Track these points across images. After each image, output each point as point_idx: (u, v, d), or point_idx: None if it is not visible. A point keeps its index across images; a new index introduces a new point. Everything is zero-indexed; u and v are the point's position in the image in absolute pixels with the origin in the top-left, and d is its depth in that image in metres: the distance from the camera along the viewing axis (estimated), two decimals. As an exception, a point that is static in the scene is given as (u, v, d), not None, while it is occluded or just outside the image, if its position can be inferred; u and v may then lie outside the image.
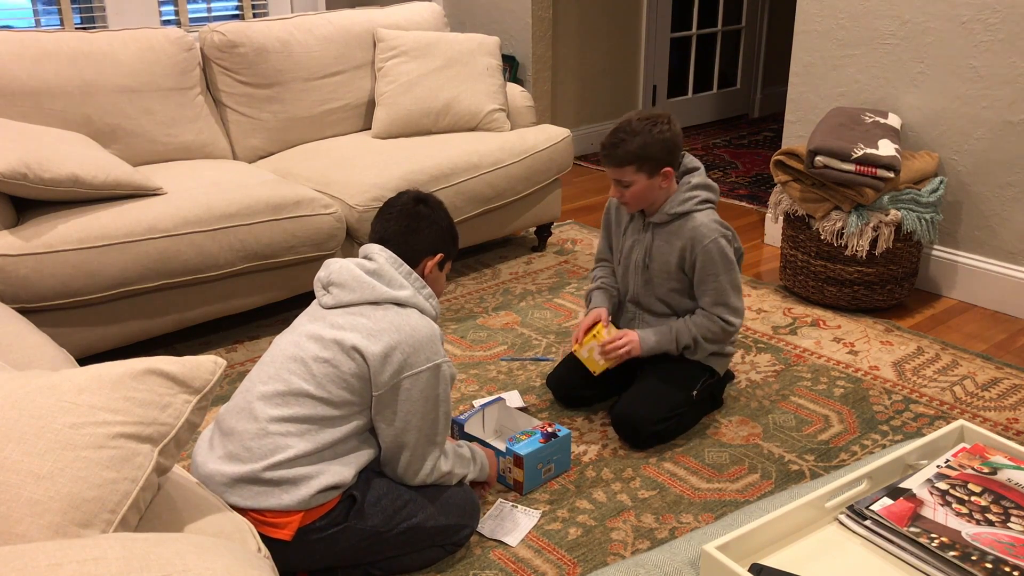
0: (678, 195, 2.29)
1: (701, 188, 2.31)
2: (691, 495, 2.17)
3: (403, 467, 1.86)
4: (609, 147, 2.22)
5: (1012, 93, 2.97)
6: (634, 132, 2.19)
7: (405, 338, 1.79)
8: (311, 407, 1.75)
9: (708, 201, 2.32)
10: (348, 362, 1.76)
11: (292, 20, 3.49)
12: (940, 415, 2.49)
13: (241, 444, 1.75)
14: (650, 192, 2.26)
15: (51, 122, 2.89)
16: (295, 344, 1.81)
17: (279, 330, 3.02)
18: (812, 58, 3.46)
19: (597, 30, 4.97)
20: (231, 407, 1.83)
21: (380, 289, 1.83)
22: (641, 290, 2.41)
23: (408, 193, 1.99)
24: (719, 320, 2.31)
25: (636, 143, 2.18)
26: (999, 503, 1.27)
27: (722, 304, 2.31)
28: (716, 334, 2.32)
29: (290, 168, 3.21)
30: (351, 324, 1.79)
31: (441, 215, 1.99)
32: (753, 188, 4.56)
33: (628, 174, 2.22)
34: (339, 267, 1.87)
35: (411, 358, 1.79)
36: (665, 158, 2.22)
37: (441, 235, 1.97)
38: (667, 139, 2.21)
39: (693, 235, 2.27)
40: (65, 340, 2.53)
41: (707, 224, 2.27)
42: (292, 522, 1.72)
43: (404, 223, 1.93)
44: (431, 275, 1.95)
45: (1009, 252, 3.11)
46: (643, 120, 2.20)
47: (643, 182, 2.23)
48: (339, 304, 1.84)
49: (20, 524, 1.04)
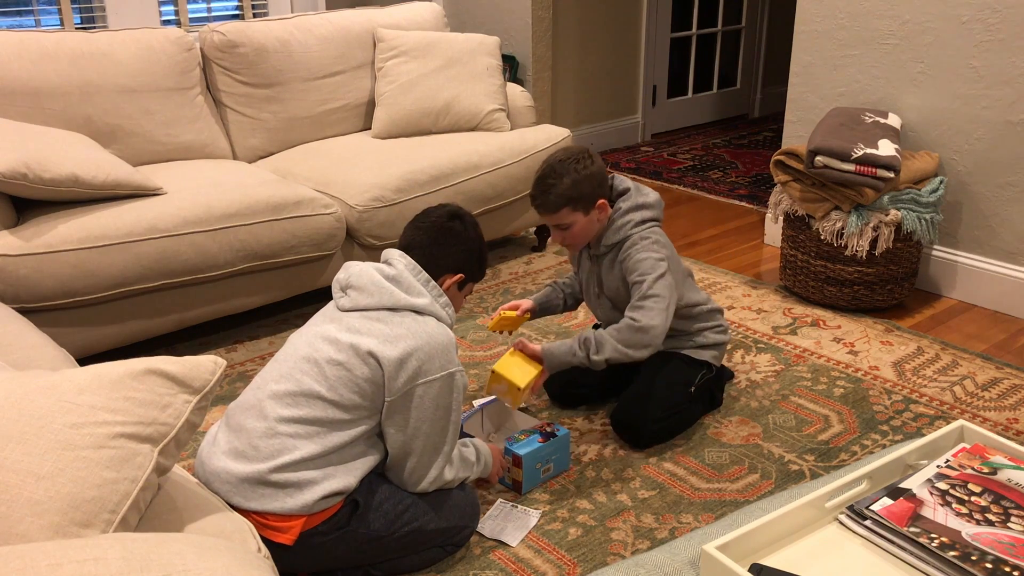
0: (612, 224, 2.28)
1: (632, 211, 2.29)
2: (691, 495, 2.17)
3: (407, 473, 1.85)
4: (540, 195, 2.20)
5: (1012, 93, 2.97)
6: (560, 175, 2.17)
7: (422, 345, 1.78)
8: (321, 409, 1.75)
9: (646, 220, 2.28)
10: (362, 367, 1.75)
11: (292, 20, 3.49)
12: (940, 415, 2.49)
13: (248, 442, 1.75)
14: (590, 227, 2.25)
15: (51, 122, 2.89)
16: (309, 344, 1.81)
17: (279, 330, 3.02)
18: (812, 58, 3.46)
19: (597, 30, 4.97)
20: (241, 403, 1.83)
21: (399, 295, 1.83)
22: (609, 315, 2.41)
23: (447, 207, 1.99)
24: (628, 319, 2.18)
25: (565, 184, 2.17)
26: (999, 503, 1.27)
27: (639, 309, 2.18)
28: (629, 337, 2.16)
29: (290, 168, 3.21)
30: (368, 328, 1.78)
31: (472, 236, 1.98)
32: (753, 188, 4.56)
33: (565, 216, 2.20)
34: (359, 271, 1.87)
35: (426, 365, 1.78)
36: (596, 192, 2.22)
37: (467, 255, 1.96)
38: (593, 173, 2.20)
39: (628, 251, 2.26)
40: (65, 340, 2.53)
41: (640, 234, 2.25)
42: (295, 527, 1.72)
43: (433, 235, 1.92)
44: (449, 292, 1.94)
45: (1009, 252, 3.11)
46: (565, 161, 2.19)
47: (581, 220, 2.22)
48: (356, 307, 1.83)
49: (20, 524, 1.04)
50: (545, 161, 2.23)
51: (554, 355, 2.21)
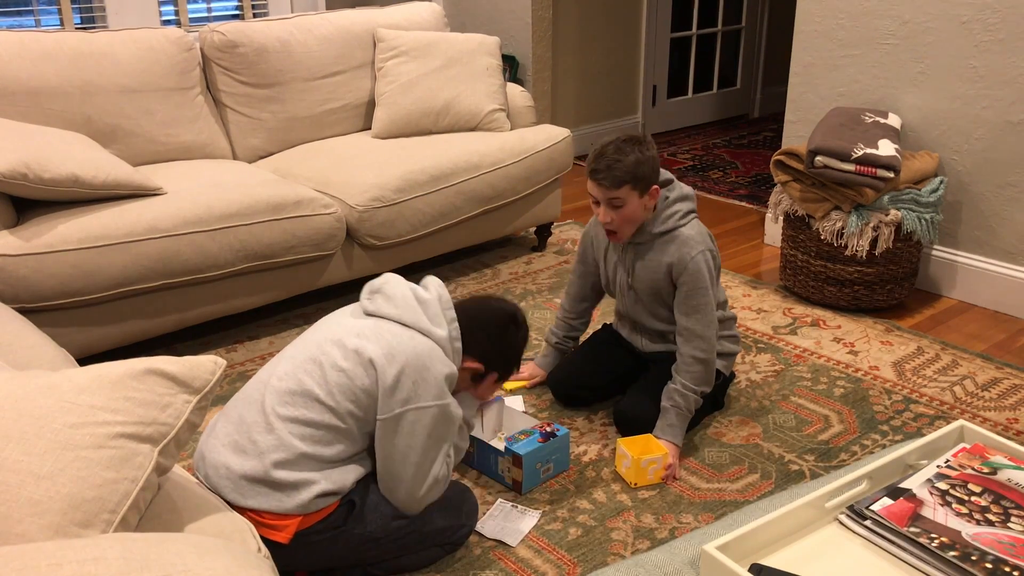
0: (660, 213, 2.29)
1: (680, 201, 2.30)
2: (691, 495, 2.17)
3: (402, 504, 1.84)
4: (605, 169, 2.18)
5: (1012, 93, 2.97)
6: (625, 152, 2.17)
7: (421, 367, 1.77)
8: (318, 412, 1.74)
9: (690, 212, 2.31)
10: (362, 376, 1.75)
11: (292, 20, 3.49)
12: (940, 415, 2.49)
13: (247, 436, 1.75)
14: (638, 212, 2.24)
15: (51, 122, 2.89)
16: (318, 346, 1.80)
17: (279, 330, 3.02)
18: (812, 58, 3.46)
19: (597, 30, 4.97)
20: (243, 394, 1.83)
21: (420, 318, 1.83)
22: (632, 308, 2.42)
23: (513, 308, 2.02)
24: (695, 363, 2.26)
25: (630, 161, 2.17)
26: (999, 503, 1.27)
27: (698, 337, 2.26)
28: (701, 373, 2.27)
29: (290, 168, 3.21)
30: (377, 336, 1.78)
31: (515, 342, 2.00)
32: (753, 188, 4.56)
33: (624, 194, 2.19)
34: (394, 282, 1.89)
35: (421, 388, 1.77)
36: (652, 176, 2.22)
37: (500, 355, 1.98)
38: (654, 156, 2.21)
39: (680, 251, 2.25)
40: (65, 340, 2.53)
41: (694, 237, 2.26)
42: (290, 526, 1.72)
43: (484, 318, 1.95)
44: (462, 374, 1.94)
45: (1009, 252, 3.11)
46: (628, 141, 2.19)
47: (635, 202, 2.22)
48: (378, 313, 1.84)
49: (20, 524, 1.04)
50: (605, 141, 2.22)
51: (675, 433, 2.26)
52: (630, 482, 2.19)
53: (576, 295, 2.60)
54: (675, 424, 2.25)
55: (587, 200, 4.37)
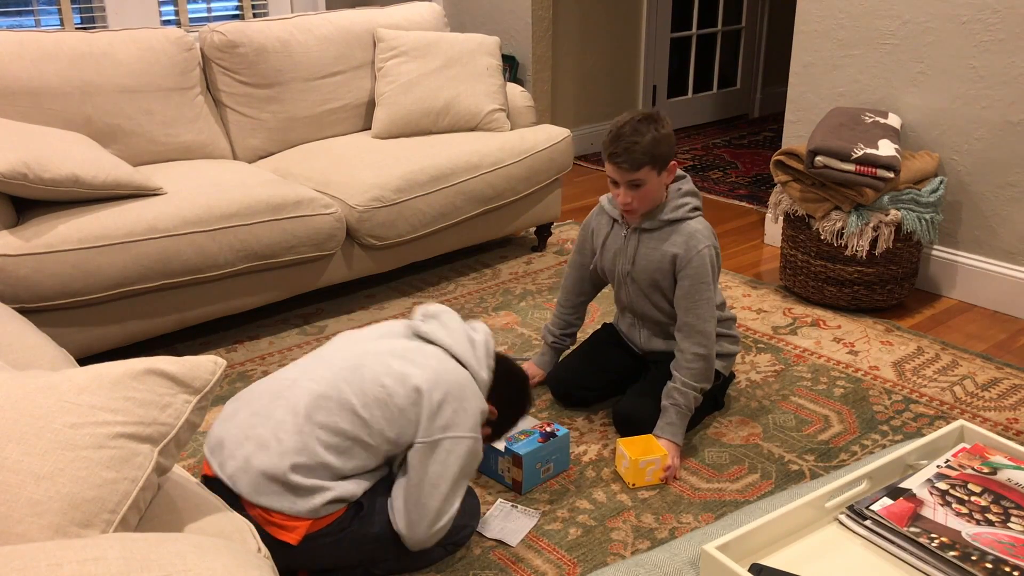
0: (671, 202, 2.28)
1: (691, 195, 2.31)
2: (691, 495, 2.17)
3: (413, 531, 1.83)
4: (624, 152, 2.15)
5: (1012, 93, 2.97)
6: (641, 132, 2.15)
7: (460, 398, 1.81)
8: (350, 423, 1.75)
9: (698, 208, 2.32)
10: (402, 396, 1.77)
11: (292, 20, 3.49)
12: (940, 415, 2.49)
13: (274, 432, 1.74)
14: (656, 191, 2.23)
15: (51, 122, 2.89)
16: (361, 355, 1.82)
17: (279, 330, 3.02)
18: (812, 58, 3.46)
19: (597, 30, 4.97)
20: (270, 388, 1.82)
21: (469, 355, 1.88)
22: (634, 299, 2.41)
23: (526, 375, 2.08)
24: (695, 360, 2.26)
25: (648, 141, 2.14)
26: (999, 503, 1.27)
27: (697, 332, 2.26)
28: (700, 370, 2.26)
29: (290, 168, 3.21)
30: (423, 360, 1.81)
31: (526, 400, 2.06)
32: (753, 188, 4.56)
33: (645, 174, 2.18)
34: (452, 314, 1.94)
35: (459, 418, 1.79)
36: (669, 153, 2.21)
37: (510, 407, 2.02)
38: (669, 134, 2.21)
39: (687, 243, 2.25)
40: (65, 340, 2.53)
41: (702, 231, 2.27)
42: (300, 528, 1.72)
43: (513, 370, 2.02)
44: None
45: (1009, 252, 3.11)
46: (643, 119, 2.18)
47: (654, 180, 2.21)
48: (429, 337, 1.87)
49: (20, 524, 1.04)
50: (619, 121, 2.20)
51: (675, 432, 2.26)
52: (629, 483, 2.19)
53: (572, 288, 2.59)
54: (675, 423, 2.25)
55: (587, 200, 4.37)
